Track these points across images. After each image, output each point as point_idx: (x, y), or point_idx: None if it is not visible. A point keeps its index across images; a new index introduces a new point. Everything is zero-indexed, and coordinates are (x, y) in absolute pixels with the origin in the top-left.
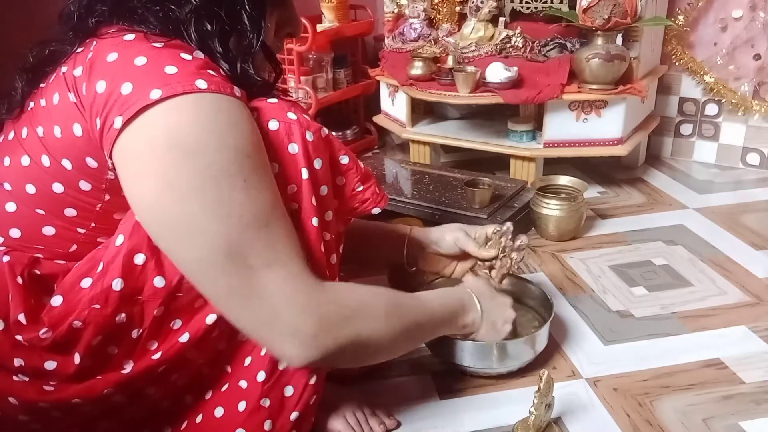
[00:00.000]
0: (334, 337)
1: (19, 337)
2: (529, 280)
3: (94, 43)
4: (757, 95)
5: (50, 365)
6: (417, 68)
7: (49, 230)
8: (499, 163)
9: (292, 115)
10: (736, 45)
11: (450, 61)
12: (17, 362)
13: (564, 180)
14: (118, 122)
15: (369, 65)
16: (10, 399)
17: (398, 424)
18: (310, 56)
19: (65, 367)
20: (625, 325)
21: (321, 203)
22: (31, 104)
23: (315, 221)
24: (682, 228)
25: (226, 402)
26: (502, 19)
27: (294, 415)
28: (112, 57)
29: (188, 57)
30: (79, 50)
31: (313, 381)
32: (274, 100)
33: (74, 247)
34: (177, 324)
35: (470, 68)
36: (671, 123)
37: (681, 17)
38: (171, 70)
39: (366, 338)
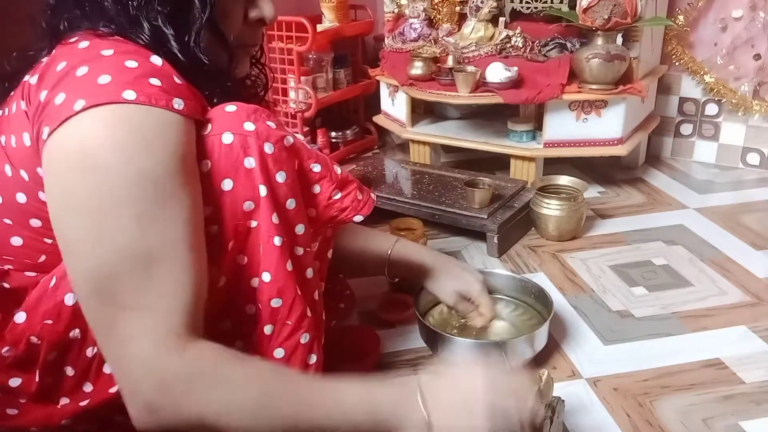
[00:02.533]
0: (173, 410)
1: None
2: (529, 279)
3: (54, 51)
4: (757, 95)
5: (14, 382)
6: (417, 68)
7: (17, 240)
8: (499, 163)
9: (249, 126)
10: (736, 45)
11: (450, 61)
12: None
13: (564, 180)
14: (45, 132)
15: (369, 65)
16: None
17: None
18: (310, 56)
19: (28, 386)
20: (625, 325)
21: (287, 219)
22: (1, 112)
23: (277, 240)
24: (682, 228)
25: None
26: (502, 19)
27: None
28: (60, 66)
29: (133, 65)
30: (45, 59)
31: (312, 361)
32: (232, 108)
33: (43, 257)
34: None
35: (470, 68)
36: (671, 123)
37: (681, 17)
38: (104, 79)
39: (217, 420)
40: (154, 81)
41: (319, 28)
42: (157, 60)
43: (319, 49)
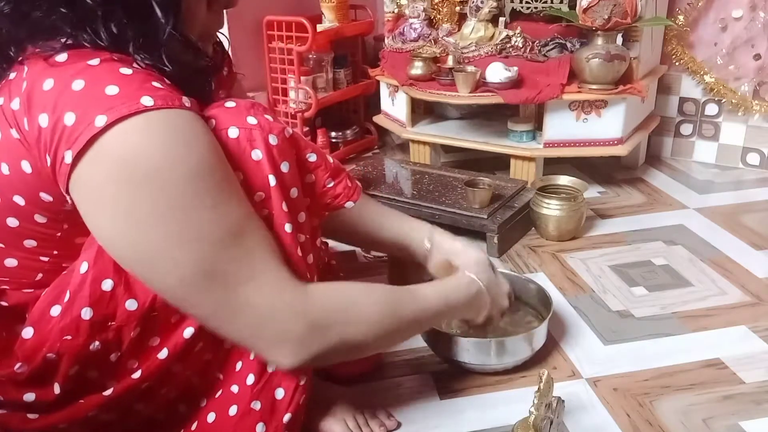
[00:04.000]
0: (322, 340)
1: None
2: (528, 278)
3: (26, 68)
4: (757, 95)
5: (29, 397)
6: (417, 68)
7: (11, 262)
8: (499, 163)
9: (252, 120)
10: (736, 45)
11: (450, 61)
12: None
13: (564, 180)
14: (68, 156)
15: (369, 65)
16: None
17: (398, 425)
18: (310, 56)
19: (45, 397)
20: (625, 325)
21: (292, 206)
22: None
23: (288, 227)
24: (682, 228)
25: (219, 407)
26: (502, 19)
27: (287, 417)
28: (48, 85)
29: (128, 71)
30: (11, 76)
31: (303, 382)
32: (232, 104)
33: (40, 275)
34: (155, 341)
35: (470, 68)
36: (671, 123)
37: (681, 17)
38: (112, 90)
39: (356, 338)
40: (157, 84)
41: (319, 28)
42: (140, 65)
43: (319, 49)
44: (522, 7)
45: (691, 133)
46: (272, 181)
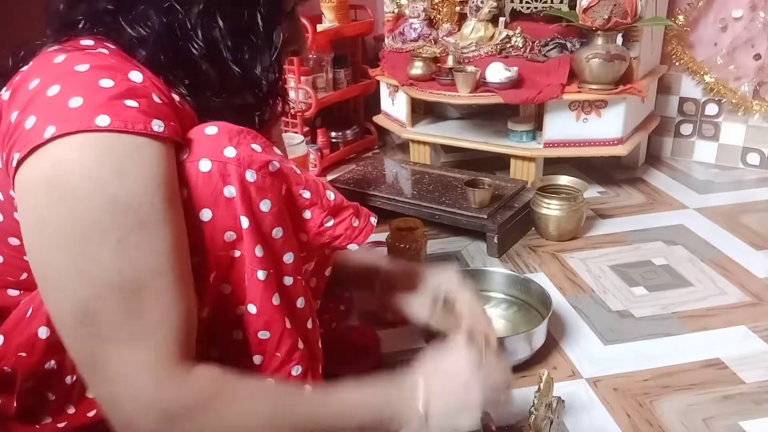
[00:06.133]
0: None
1: None
2: (528, 278)
3: (31, 61)
4: (757, 95)
5: None
6: (417, 68)
7: None
8: (499, 163)
9: (229, 152)
10: (736, 45)
11: (450, 61)
12: None
13: (564, 180)
14: (15, 159)
15: (369, 65)
16: None
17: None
18: (310, 56)
19: (7, 407)
20: (625, 325)
21: (273, 249)
22: None
23: (261, 274)
24: (682, 228)
25: None
26: (502, 19)
27: None
28: (33, 84)
29: (108, 83)
30: (24, 68)
31: (295, 373)
32: (213, 130)
33: (24, 275)
34: None
35: (470, 68)
36: (671, 123)
37: (681, 17)
38: (76, 102)
39: None
40: (131, 103)
41: (319, 28)
42: (137, 76)
43: (319, 49)
44: (522, 7)
45: (691, 133)
46: (245, 222)
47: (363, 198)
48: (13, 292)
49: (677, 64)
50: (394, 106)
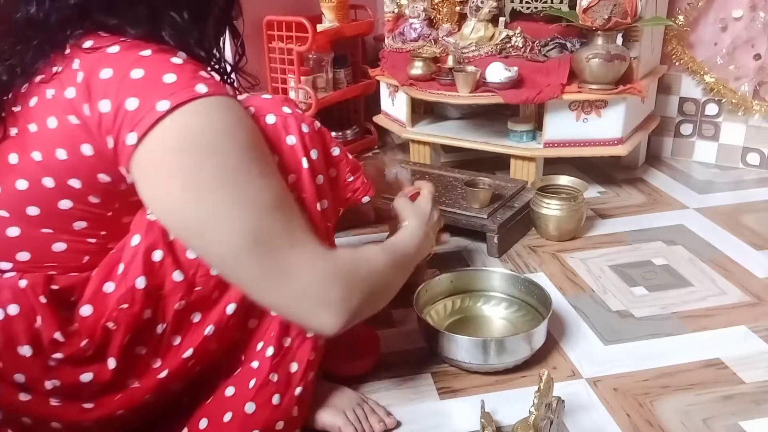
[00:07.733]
0: (358, 297)
1: (58, 356)
2: (528, 278)
3: (77, 60)
4: (757, 95)
5: (86, 377)
6: (417, 68)
7: (59, 246)
8: (499, 163)
9: (287, 109)
10: (736, 45)
11: (450, 61)
12: (50, 384)
13: (564, 180)
14: (132, 138)
15: (369, 65)
16: (53, 424)
17: (398, 424)
18: (310, 56)
19: (101, 376)
20: (625, 325)
21: (319, 192)
22: (14, 130)
23: (319, 206)
24: (682, 228)
25: (238, 382)
26: (502, 19)
27: (298, 390)
28: (107, 74)
29: (179, 61)
30: (58, 69)
31: (313, 357)
32: (268, 96)
33: (86, 258)
34: (197, 317)
35: (470, 68)
36: (671, 123)
37: (681, 17)
38: (170, 78)
39: (378, 287)
40: (204, 74)
41: (319, 28)
42: (183, 54)
43: (319, 49)
44: (522, 7)
45: (691, 133)
46: (305, 163)
47: None
48: (74, 274)
49: (677, 64)
50: (394, 106)
